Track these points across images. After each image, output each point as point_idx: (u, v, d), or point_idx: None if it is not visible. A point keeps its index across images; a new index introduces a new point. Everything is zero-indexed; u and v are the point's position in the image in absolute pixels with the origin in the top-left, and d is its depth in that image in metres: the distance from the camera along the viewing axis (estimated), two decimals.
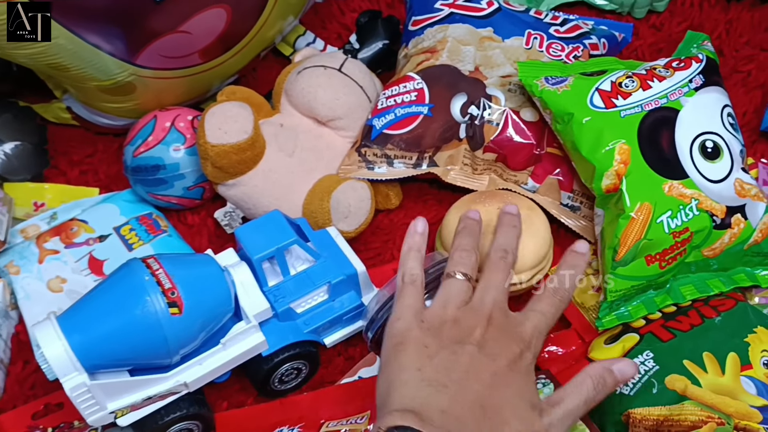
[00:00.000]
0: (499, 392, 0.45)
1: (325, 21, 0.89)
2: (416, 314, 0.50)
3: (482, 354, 0.46)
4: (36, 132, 0.75)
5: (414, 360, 0.46)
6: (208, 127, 0.65)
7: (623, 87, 0.61)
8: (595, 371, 0.48)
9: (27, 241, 0.69)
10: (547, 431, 0.45)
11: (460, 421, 0.43)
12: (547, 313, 0.51)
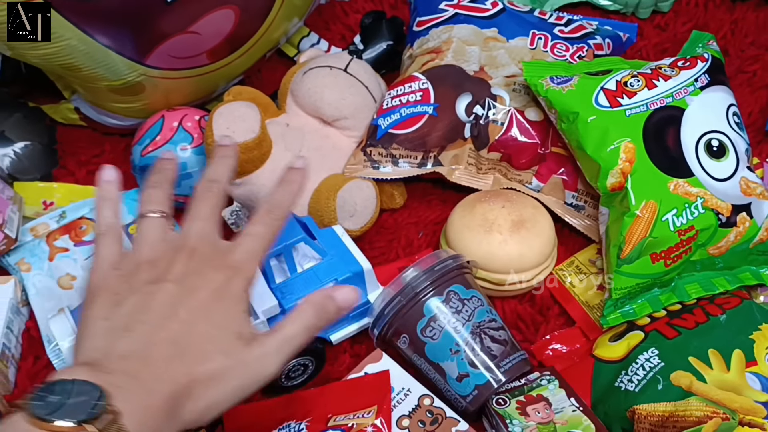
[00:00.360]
0: (198, 327, 0.43)
1: (329, 22, 0.90)
2: (112, 264, 0.47)
3: (181, 289, 0.44)
4: (45, 132, 0.76)
5: (101, 310, 0.44)
6: (216, 127, 0.65)
7: (628, 86, 0.62)
8: (315, 298, 0.47)
9: (37, 239, 0.69)
10: (260, 360, 0.43)
11: (147, 362, 0.41)
12: (260, 234, 0.48)
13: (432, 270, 0.59)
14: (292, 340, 0.45)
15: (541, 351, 0.64)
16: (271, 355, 0.44)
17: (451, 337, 0.58)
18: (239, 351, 0.43)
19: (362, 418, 0.55)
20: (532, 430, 0.54)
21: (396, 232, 0.74)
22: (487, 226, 0.65)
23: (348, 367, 0.64)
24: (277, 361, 0.44)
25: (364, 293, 0.63)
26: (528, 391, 0.57)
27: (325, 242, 0.63)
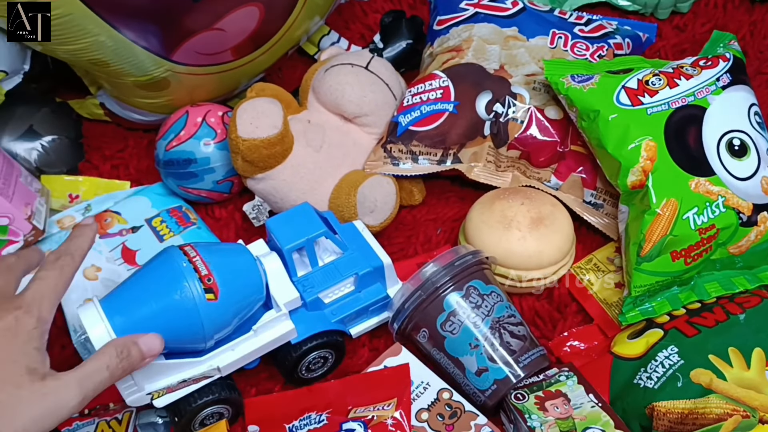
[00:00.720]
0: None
1: (348, 22, 0.91)
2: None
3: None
4: (72, 127, 0.78)
5: None
6: (240, 122, 0.66)
7: (650, 85, 0.62)
8: (120, 341, 0.48)
9: (63, 231, 0.71)
10: (57, 393, 0.45)
11: None
12: (48, 277, 0.49)
13: (452, 265, 0.60)
14: (92, 376, 0.46)
15: (558, 348, 0.64)
16: (70, 388, 0.45)
17: (471, 332, 0.59)
18: (31, 384, 0.44)
19: (382, 410, 0.56)
20: (551, 425, 0.55)
21: (414, 229, 0.74)
22: (506, 223, 0.65)
23: (367, 360, 0.65)
24: (76, 394, 0.45)
25: (384, 288, 0.64)
26: (546, 386, 0.58)
27: (345, 237, 0.64)
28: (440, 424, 0.56)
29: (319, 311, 0.62)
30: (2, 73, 0.68)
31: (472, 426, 0.56)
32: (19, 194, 0.67)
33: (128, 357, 0.48)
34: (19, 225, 0.66)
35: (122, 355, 0.48)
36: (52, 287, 0.48)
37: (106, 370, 0.47)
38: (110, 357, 0.48)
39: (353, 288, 0.63)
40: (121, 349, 0.48)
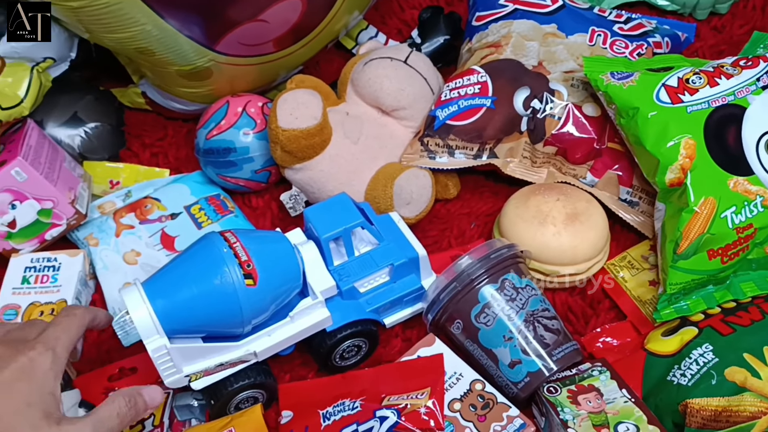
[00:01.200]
0: (1, 403, 0.45)
1: (385, 17, 0.91)
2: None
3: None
4: (114, 114, 0.79)
5: None
6: (280, 113, 0.67)
7: (690, 83, 0.62)
8: (128, 392, 0.51)
9: (104, 216, 0.72)
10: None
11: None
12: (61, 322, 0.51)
13: (487, 258, 0.60)
14: (105, 422, 0.48)
15: (591, 343, 0.64)
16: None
17: (505, 325, 0.59)
18: (48, 428, 0.45)
19: (416, 399, 0.56)
20: (584, 418, 0.55)
21: (448, 222, 0.75)
22: (541, 218, 0.66)
23: (399, 350, 0.65)
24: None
25: (418, 279, 0.65)
26: (579, 380, 0.58)
27: (382, 228, 0.65)
28: (472, 415, 0.57)
29: (354, 300, 0.62)
30: (50, 60, 0.69)
31: (504, 417, 0.57)
32: (63, 179, 0.68)
33: (135, 406, 0.51)
34: (63, 209, 0.67)
35: (130, 404, 0.50)
36: (66, 329, 0.51)
37: (116, 417, 0.49)
38: (120, 405, 0.50)
39: (388, 278, 0.63)
40: (129, 398, 0.50)
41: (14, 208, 0.65)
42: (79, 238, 0.71)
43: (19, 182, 0.64)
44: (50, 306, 0.63)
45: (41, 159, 0.67)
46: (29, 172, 0.64)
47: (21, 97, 0.67)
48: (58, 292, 0.64)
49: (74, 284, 0.65)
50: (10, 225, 0.66)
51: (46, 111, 0.74)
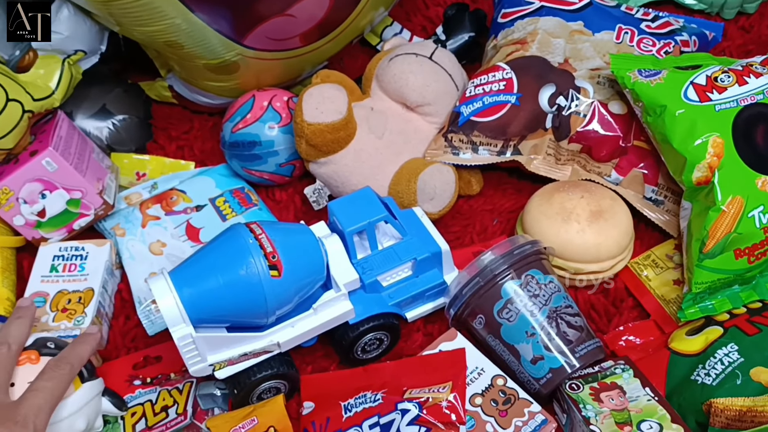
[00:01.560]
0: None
1: (410, 14, 0.92)
2: None
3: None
4: (142, 107, 0.80)
5: None
6: (306, 107, 0.68)
7: (719, 82, 0.62)
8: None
9: (131, 206, 0.73)
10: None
11: None
12: (47, 388, 0.50)
13: (511, 254, 0.60)
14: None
15: (614, 341, 0.64)
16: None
17: (527, 320, 0.59)
18: None
19: (437, 392, 0.57)
20: (606, 416, 0.55)
21: (471, 218, 0.75)
22: (565, 215, 0.65)
23: (420, 345, 0.66)
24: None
25: (441, 274, 0.65)
26: (602, 378, 0.58)
27: (405, 222, 0.65)
28: (494, 410, 0.57)
29: (377, 294, 0.63)
30: (81, 52, 0.71)
31: (525, 413, 0.57)
32: (92, 170, 0.69)
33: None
34: (91, 199, 0.68)
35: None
36: (48, 399, 0.50)
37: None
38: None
39: (411, 273, 0.64)
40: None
41: (44, 197, 0.66)
42: (106, 228, 0.72)
43: (49, 172, 0.65)
44: (77, 294, 0.64)
45: (71, 150, 0.68)
46: (59, 163, 0.65)
47: (52, 89, 0.68)
48: (85, 280, 0.65)
49: (101, 273, 0.66)
50: (39, 214, 0.67)
51: (75, 103, 0.75)
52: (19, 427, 0.47)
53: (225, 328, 0.57)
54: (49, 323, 0.62)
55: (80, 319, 0.63)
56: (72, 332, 0.62)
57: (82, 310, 0.63)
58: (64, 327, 0.62)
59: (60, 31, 0.67)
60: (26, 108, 0.65)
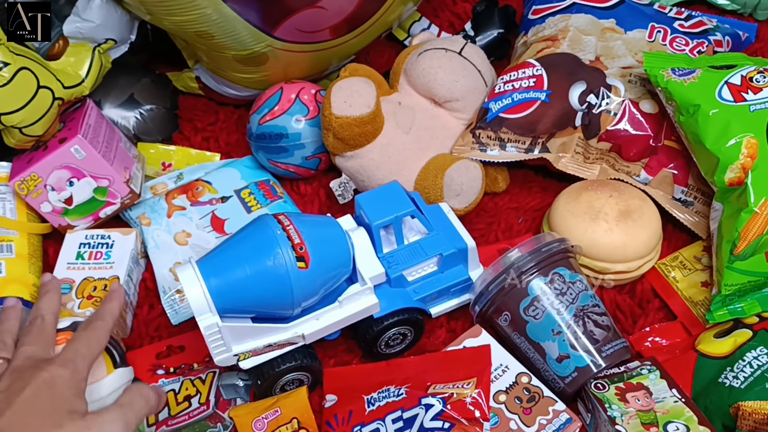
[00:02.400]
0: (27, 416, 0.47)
1: (437, 10, 0.91)
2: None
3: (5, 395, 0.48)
4: (169, 98, 0.80)
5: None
6: (335, 100, 0.68)
7: (754, 82, 0.61)
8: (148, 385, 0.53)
9: (156, 196, 0.73)
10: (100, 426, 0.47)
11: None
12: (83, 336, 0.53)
13: (538, 251, 0.60)
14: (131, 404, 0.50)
15: (639, 342, 0.63)
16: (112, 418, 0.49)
17: (554, 319, 0.58)
18: (72, 422, 0.47)
19: (462, 388, 0.56)
20: (632, 416, 0.54)
21: (496, 216, 0.75)
22: (592, 214, 0.65)
23: (444, 341, 0.65)
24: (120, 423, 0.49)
25: (466, 270, 0.64)
26: (628, 378, 0.57)
27: (432, 217, 0.65)
28: (518, 407, 0.57)
29: (402, 288, 0.62)
30: (111, 41, 0.71)
31: (550, 411, 0.56)
32: (119, 158, 0.70)
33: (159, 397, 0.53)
34: (118, 187, 0.69)
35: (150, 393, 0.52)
36: (86, 346, 0.52)
37: (140, 397, 0.51)
38: (142, 388, 0.52)
39: (436, 268, 0.63)
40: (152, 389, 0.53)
41: (72, 185, 0.67)
42: (131, 218, 0.72)
43: (78, 160, 0.66)
44: (103, 282, 0.65)
45: (99, 138, 0.68)
46: (88, 150, 0.66)
47: (82, 77, 0.68)
48: (111, 268, 0.66)
49: (126, 262, 0.66)
50: (66, 201, 0.67)
51: (104, 92, 0.75)
52: (57, 366, 0.49)
53: (250, 319, 0.57)
54: (75, 310, 0.62)
55: None
56: None
57: None
58: (90, 314, 0.62)
59: (91, 20, 0.68)
60: (56, 95, 0.65)
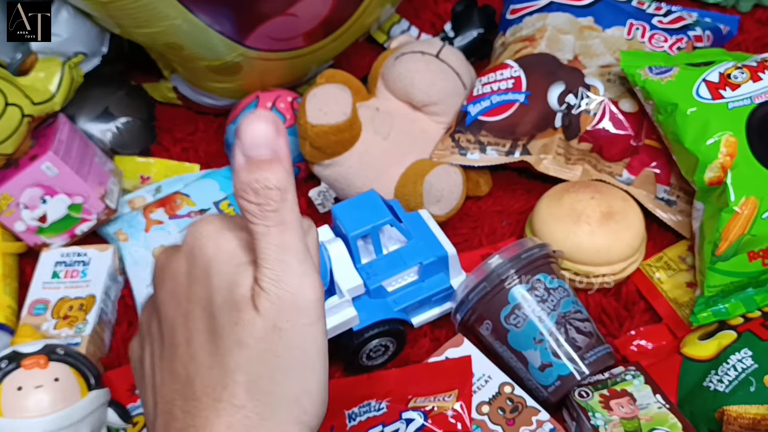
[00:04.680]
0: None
1: (419, 10, 0.90)
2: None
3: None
4: (145, 109, 0.79)
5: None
6: (309, 108, 0.67)
7: (732, 78, 0.60)
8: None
9: (135, 211, 0.73)
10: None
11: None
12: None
13: (518, 258, 0.59)
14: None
15: (625, 346, 0.63)
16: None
17: (535, 326, 0.58)
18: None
19: (443, 401, 0.56)
20: (616, 424, 0.53)
21: (479, 220, 0.74)
22: (574, 217, 0.64)
23: (427, 350, 0.64)
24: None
25: (447, 278, 0.64)
26: (612, 385, 0.57)
27: (411, 226, 0.64)
28: (501, 418, 0.56)
29: (382, 299, 0.61)
30: (82, 55, 0.70)
31: (533, 421, 0.55)
32: (94, 174, 0.69)
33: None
34: (93, 204, 0.68)
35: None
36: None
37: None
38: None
39: (417, 277, 0.62)
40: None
41: (45, 202, 0.66)
42: (109, 233, 0.71)
43: (49, 177, 0.65)
44: (79, 301, 0.64)
45: (72, 154, 0.67)
46: (60, 167, 0.65)
47: (53, 92, 0.67)
48: (87, 287, 0.65)
49: (104, 279, 0.65)
50: (41, 219, 0.66)
51: (77, 106, 0.74)
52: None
53: None
54: (50, 331, 0.62)
55: (81, 326, 0.62)
56: (73, 339, 0.61)
57: (84, 317, 0.63)
58: (66, 335, 0.61)
59: (59, 33, 0.66)
60: (26, 112, 0.64)
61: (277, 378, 0.32)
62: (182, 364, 0.33)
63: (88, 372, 0.57)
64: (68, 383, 0.53)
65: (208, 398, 0.32)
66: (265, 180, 0.32)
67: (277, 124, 0.32)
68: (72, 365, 0.54)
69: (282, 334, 0.32)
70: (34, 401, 0.51)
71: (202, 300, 0.33)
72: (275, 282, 0.32)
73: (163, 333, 0.35)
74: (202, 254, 0.33)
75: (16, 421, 0.51)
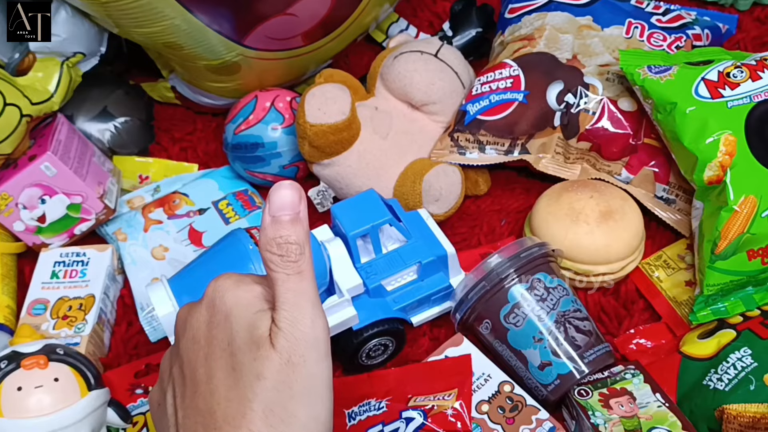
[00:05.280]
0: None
1: (417, 9, 0.90)
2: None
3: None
4: (144, 109, 0.79)
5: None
6: (308, 107, 0.67)
7: (731, 77, 0.60)
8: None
9: (133, 210, 0.73)
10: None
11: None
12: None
13: (518, 257, 0.59)
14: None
15: (624, 345, 0.63)
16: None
17: (535, 325, 0.58)
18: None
19: (443, 400, 0.56)
20: (615, 423, 0.53)
21: (478, 219, 0.74)
22: (573, 216, 0.64)
23: (426, 350, 0.64)
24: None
25: (447, 277, 0.64)
26: (611, 383, 0.57)
27: (410, 225, 0.64)
28: (501, 417, 0.56)
29: (381, 299, 0.61)
30: (80, 54, 0.70)
31: (533, 420, 0.55)
32: (93, 174, 0.69)
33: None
34: (92, 204, 0.68)
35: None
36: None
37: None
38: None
39: (416, 276, 0.62)
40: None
41: (44, 202, 0.66)
42: (107, 233, 0.71)
43: (48, 177, 0.65)
44: (78, 301, 0.64)
45: (71, 154, 0.67)
46: (58, 167, 0.65)
47: (51, 92, 0.67)
48: (86, 287, 0.65)
49: (102, 279, 0.65)
50: (39, 219, 0.66)
51: (76, 106, 0.74)
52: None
53: None
54: (50, 331, 0.62)
55: (81, 326, 0.62)
56: (72, 340, 0.61)
57: (83, 317, 0.63)
58: (65, 335, 0.61)
59: (58, 33, 0.66)
60: (24, 112, 0.64)
61: (290, 407, 0.36)
62: (203, 399, 0.37)
63: (88, 372, 0.57)
64: (68, 383, 0.53)
65: (229, 426, 0.36)
66: (288, 236, 0.37)
67: (300, 192, 0.38)
68: (72, 365, 0.54)
69: (295, 368, 0.36)
70: (34, 401, 0.51)
71: (222, 342, 0.37)
72: (291, 322, 0.37)
73: (184, 374, 0.39)
74: (223, 303, 0.38)
75: (16, 422, 0.51)
